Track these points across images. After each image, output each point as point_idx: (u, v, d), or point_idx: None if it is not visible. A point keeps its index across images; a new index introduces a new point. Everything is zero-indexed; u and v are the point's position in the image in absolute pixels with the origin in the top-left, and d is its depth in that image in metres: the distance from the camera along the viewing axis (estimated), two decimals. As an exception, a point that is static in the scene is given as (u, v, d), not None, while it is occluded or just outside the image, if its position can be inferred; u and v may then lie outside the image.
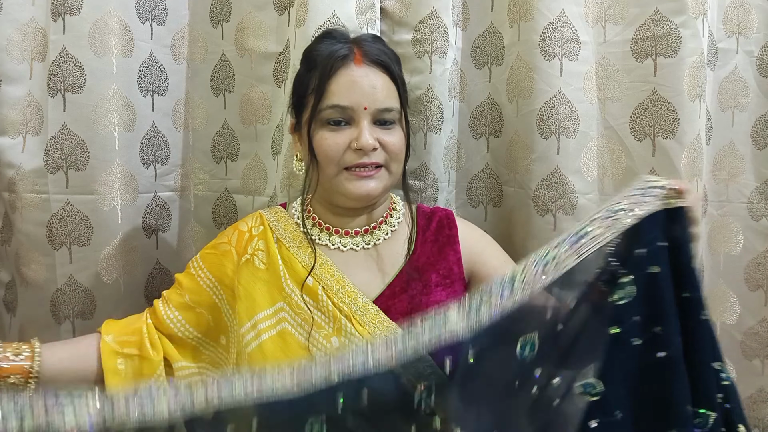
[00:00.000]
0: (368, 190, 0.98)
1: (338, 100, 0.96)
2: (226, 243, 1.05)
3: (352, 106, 0.96)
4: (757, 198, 1.29)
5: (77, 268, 1.21)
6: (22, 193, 1.20)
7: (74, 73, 1.17)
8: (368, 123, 0.96)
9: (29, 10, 1.20)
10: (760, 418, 1.31)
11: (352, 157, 0.96)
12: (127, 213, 1.24)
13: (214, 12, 1.34)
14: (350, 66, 0.97)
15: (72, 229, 1.20)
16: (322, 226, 1.05)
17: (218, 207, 1.39)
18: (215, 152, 1.38)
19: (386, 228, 1.05)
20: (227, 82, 1.35)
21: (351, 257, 1.03)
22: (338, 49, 0.98)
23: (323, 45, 1.01)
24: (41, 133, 1.20)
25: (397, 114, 1.00)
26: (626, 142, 1.23)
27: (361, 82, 0.96)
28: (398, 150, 0.99)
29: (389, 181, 1.01)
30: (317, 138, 0.97)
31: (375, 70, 0.98)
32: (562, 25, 1.19)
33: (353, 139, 0.96)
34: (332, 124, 0.97)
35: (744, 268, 1.31)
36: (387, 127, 0.98)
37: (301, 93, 1.01)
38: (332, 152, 0.96)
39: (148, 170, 1.30)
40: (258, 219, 1.07)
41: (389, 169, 1.00)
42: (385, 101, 0.98)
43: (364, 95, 0.96)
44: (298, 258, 1.01)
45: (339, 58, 0.97)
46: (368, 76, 0.97)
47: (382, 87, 0.98)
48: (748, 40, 1.27)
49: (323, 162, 0.98)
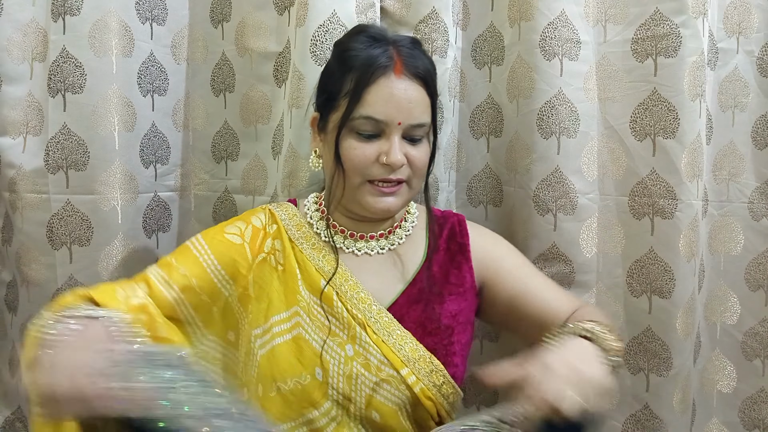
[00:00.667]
0: (388, 205, 0.96)
1: (373, 112, 0.92)
2: (238, 235, 1.00)
3: (387, 121, 0.93)
4: (758, 198, 1.29)
5: (77, 268, 1.22)
6: (23, 193, 1.21)
7: (74, 73, 1.18)
8: (399, 138, 0.94)
9: (30, 11, 1.21)
10: (761, 419, 1.31)
11: (379, 171, 0.94)
12: (127, 213, 1.24)
13: (214, 12, 1.34)
14: (390, 77, 0.93)
15: (72, 229, 1.20)
16: (336, 228, 1.03)
17: (218, 207, 1.39)
18: (215, 152, 1.38)
19: (401, 232, 1.04)
20: (227, 81, 1.35)
21: (365, 262, 1.02)
22: (378, 55, 0.93)
23: (360, 44, 0.96)
24: (42, 133, 1.21)
25: (428, 129, 0.98)
26: (626, 142, 1.23)
27: (399, 96, 0.93)
28: (422, 165, 0.97)
29: (409, 196, 0.99)
30: (345, 145, 0.94)
31: (414, 83, 0.94)
32: (563, 24, 1.19)
33: (382, 152, 0.93)
34: (363, 134, 0.94)
35: (744, 268, 1.31)
36: (415, 143, 0.96)
37: (333, 93, 0.97)
38: (359, 163, 0.94)
39: (148, 170, 1.30)
40: (270, 217, 1.04)
41: (410, 184, 0.98)
42: (420, 117, 0.95)
43: (400, 110, 0.93)
44: (312, 261, 0.99)
45: (380, 67, 0.92)
46: (407, 90, 0.93)
47: (418, 102, 0.94)
48: (748, 39, 1.27)
49: (349, 171, 0.95)
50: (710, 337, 1.34)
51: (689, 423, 1.30)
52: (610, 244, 1.26)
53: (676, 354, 1.22)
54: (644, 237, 1.22)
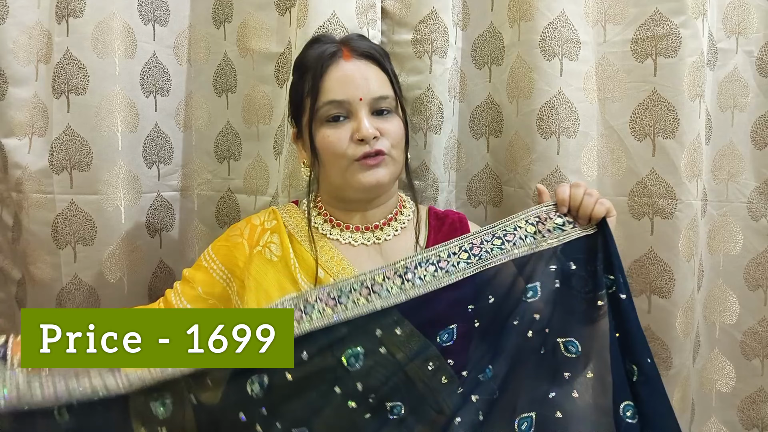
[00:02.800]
0: (378, 178, 0.99)
1: (333, 95, 0.98)
2: (238, 235, 1.06)
3: (348, 99, 0.97)
4: (757, 198, 1.29)
5: (81, 267, 1.23)
6: (29, 193, 1.22)
7: (78, 74, 1.19)
8: (366, 113, 0.98)
9: (35, 13, 1.22)
10: (760, 418, 1.31)
11: (356, 149, 0.97)
12: (130, 213, 1.26)
13: (216, 13, 1.35)
14: (340, 62, 0.99)
15: (76, 229, 1.22)
16: (333, 222, 1.06)
17: (221, 206, 1.40)
18: (218, 152, 1.39)
19: (396, 225, 1.06)
20: (229, 82, 1.36)
21: (362, 252, 1.04)
22: (326, 49, 1.01)
23: (311, 50, 1.04)
24: (46, 134, 1.22)
25: (393, 102, 1.02)
26: (626, 142, 1.23)
27: (352, 74, 0.99)
28: (398, 136, 1.01)
29: (394, 168, 1.02)
30: (319, 137, 0.99)
31: (364, 62, 1.01)
32: (562, 25, 1.19)
33: (354, 130, 0.97)
34: (332, 121, 0.98)
35: (744, 267, 1.31)
36: (385, 117, 1.00)
37: (298, 99, 1.04)
38: (336, 147, 0.98)
39: (151, 170, 1.31)
40: (271, 214, 1.09)
41: (392, 155, 1.00)
42: (379, 90, 1.00)
43: (357, 87, 0.98)
44: (311, 253, 1.02)
45: (328, 56, 0.99)
46: (359, 68, 1.00)
47: (374, 77, 1.00)
48: (747, 40, 1.27)
49: (331, 159, 0.99)
50: (709, 336, 1.34)
51: (688, 422, 1.31)
52: (610, 244, 1.26)
53: (676, 353, 1.23)
54: (644, 237, 1.23)
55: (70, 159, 1.21)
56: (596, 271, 0.95)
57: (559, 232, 0.98)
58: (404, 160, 1.05)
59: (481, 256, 0.96)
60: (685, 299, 1.22)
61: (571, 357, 0.93)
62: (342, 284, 0.92)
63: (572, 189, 0.98)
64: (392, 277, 0.93)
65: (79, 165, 1.21)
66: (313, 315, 0.90)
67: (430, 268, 0.94)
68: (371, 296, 0.91)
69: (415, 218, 1.08)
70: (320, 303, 0.91)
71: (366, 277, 0.92)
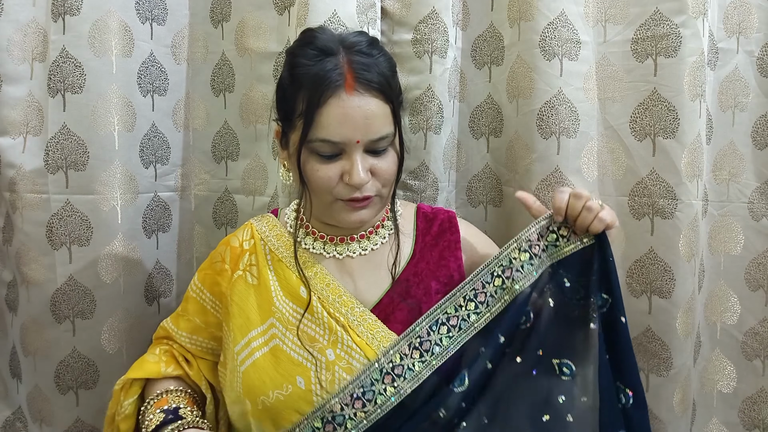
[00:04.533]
0: (361, 218, 0.94)
1: (328, 135, 0.88)
2: (220, 261, 1.03)
3: (344, 141, 0.88)
4: (758, 198, 1.29)
5: (77, 268, 1.22)
6: (23, 193, 1.21)
7: (74, 73, 1.18)
8: (360, 155, 0.90)
9: (30, 11, 1.21)
10: (761, 419, 1.31)
11: (345, 190, 0.91)
12: (127, 213, 1.24)
13: (214, 12, 1.34)
14: (341, 96, 0.87)
15: (72, 229, 1.20)
16: (315, 234, 1.02)
17: (219, 207, 1.39)
18: (215, 152, 1.38)
19: (383, 232, 1.03)
20: (227, 82, 1.35)
21: (347, 264, 1.00)
22: (328, 71, 0.88)
23: (309, 61, 0.90)
24: (41, 133, 1.21)
25: (392, 137, 0.93)
26: (626, 142, 1.23)
27: (353, 114, 0.87)
28: (389, 176, 0.94)
29: (381, 205, 0.97)
30: (308, 167, 0.92)
31: (368, 96, 0.89)
32: (562, 24, 1.19)
33: (345, 172, 0.90)
34: (323, 156, 0.90)
35: (744, 268, 1.31)
36: (379, 154, 0.92)
37: (288, 112, 0.94)
38: (324, 185, 0.91)
39: (148, 170, 1.30)
40: (249, 231, 1.05)
41: (381, 195, 0.95)
42: (379, 131, 0.90)
43: (356, 129, 0.88)
44: (293, 270, 0.99)
45: (329, 87, 0.87)
46: (361, 107, 0.88)
47: (375, 116, 0.89)
48: (748, 39, 1.27)
49: (316, 191, 0.93)
50: (710, 337, 1.34)
51: (689, 423, 1.30)
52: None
53: (676, 354, 1.22)
54: (644, 237, 1.22)
55: (65, 158, 1.19)
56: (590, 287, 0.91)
57: (553, 249, 0.95)
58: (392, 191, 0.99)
59: (488, 302, 0.94)
60: (685, 299, 1.21)
61: (566, 379, 0.90)
62: (361, 379, 0.90)
63: (571, 199, 0.93)
64: (410, 353, 0.91)
65: (74, 164, 1.19)
66: (348, 425, 0.88)
67: (442, 330, 0.93)
68: (397, 381, 0.90)
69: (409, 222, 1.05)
70: (348, 408, 0.89)
71: (383, 362, 0.90)
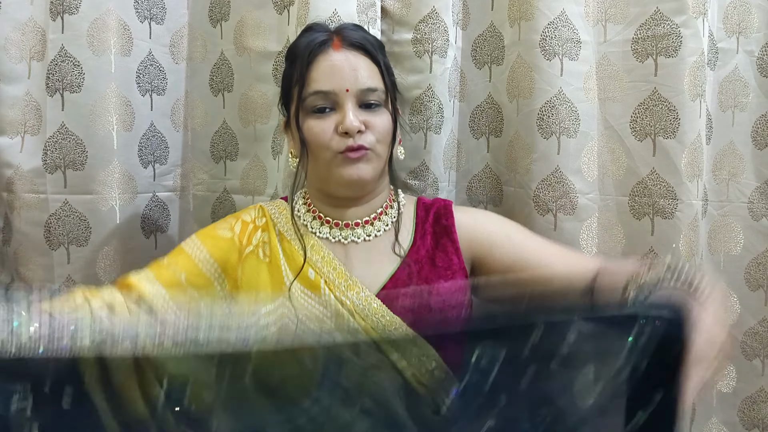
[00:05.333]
0: (360, 173, 0.96)
1: (319, 85, 0.95)
2: (228, 229, 1.03)
3: (334, 90, 0.95)
4: (758, 198, 1.30)
5: (75, 269, 1.21)
6: (20, 193, 1.20)
7: (72, 72, 1.17)
8: (353, 105, 0.95)
9: (28, 9, 1.20)
10: (761, 418, 1.31)
11: (340, 142, 0.95)
12: (125, 213, 1.24)
13: (213, 11, 1.34)
14: (329, 51, 0.97)
15: (70, 229, 1.20)
16: (322, 219, 1.03)
17: (217, 207, 1.38)
18: (214, 152, 1.37)
19: (386, 219, 1.04)
20: (226, 81, 1.34)
21: (352, 249, 1.02)
22: (317, 37, 0.98)
23: (303, 38, 1.01)
24: (39, 133, 1.20)
25: (382, 95, 0.98)
26: (626, 142, 1.23)
27: (341, 65, 0.96)
28: (384, 131, 0.97)
29: (378, 163, 0.99)
30: (305, 128, 0.97)
31: (355, 53, 0.97)
32: (563, 24, 1.18)
33: (338, 123, 0.95)
34: (318, 112, 0.96)
35: (744, 268, 1.31)
36: (373, 110, 0.97)
37: (287, 87, 1.01)
38: (320, 138, 0.95)
39: (146, 170, 1.29)
40: (260, 211, 1.06)
41: (376, 151, 0.98)
42: (367, 81, 0.96)
43: (344, 78, 0.95)
44: (300, 251, 1.00)
45: (317, 45, 0.97)
46: (348, 59, 0.96)
47: (363, 68, 0.97)
48: (748, 39, 1.27)
49: (315, 150, 0.96)
50: (710, 337, 1.34)
51: (689, 422, 1.30)
52: (610, 244, 1.26)
53: (676, 354, 1.22)
54: (644, 237, 1.22)
55: (64, 158, 1.18)
56: None
57: None
58: (388, 155, 1.02)
59: None
60: (685, 299, 1.21)
61: None
62: None
63: None
64: None
65: (73, 164, 1.19)
66: None
67: None
68: None
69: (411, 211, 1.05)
70: None
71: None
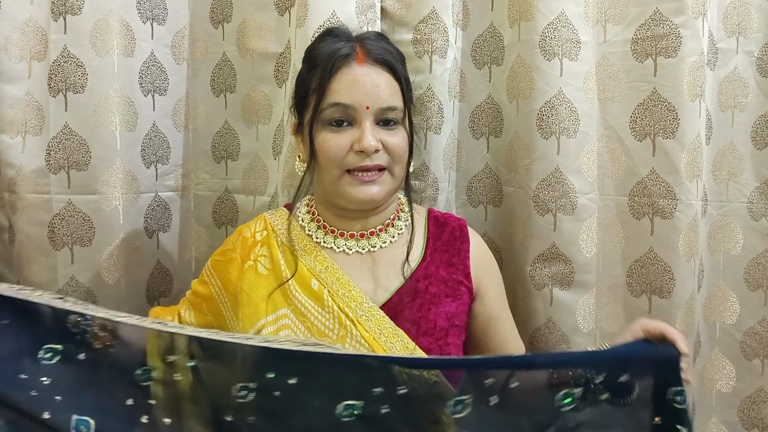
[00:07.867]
0: (371, 195, 0.95)
1: (339, 98, 0.93)
2: (232, 250, 1.04)
3: (354, 105, 0.93)
4: (757, 198, 1.30)
5: (79, 269, 1.21)
6: (23, 194, 1.20)
7: (76, 72, 1.17)
8: (371, 123, 0.94)
9: (28, 9, 1.20)
10: (761, 418, 1.32)
11: (354, 159, 0.94)
12: (128, 213, 1.24)
13: (214, 12, 1.34)
14: (352, 65, 0.94)
15: (74, 230, 1.20)
16: (327, 228, 1.03)
17: (219, 207, 1.39)
18: (215, 152, 1.38)
19: (393, 231, 1.03)
20: (228, 82, 1.35)
21: (357, 260, 1.01)
22: (340, 47, 0.95)
23: (325, 44, 0.98)
24: (42, 133, 1.20)
25: (401, 113, 0.97)
26: (626, 142, 1.24)
27: (363, 80, 0.94)
28: (401, 151, 0.96)
29: (393, 185, 0.98)
30: (319, 139, 0.95)
31: (378, 69, 0.95)
32: (563, 25, 1.19)
33: (355, 140, 0.93)
34: (334, 125, 0.94)
35: (744, 267, 1.31)
36: (390, 128, 0.96)
37: (303, 93, 0.99)
38: (334, 154, 0.94)
39: (149, 170, 1.30)
40: (262, 223, 1.06)
41: (392, 172, 0.97)
42: (388, 100, 0.95)
43: (366, 94, 0.93)
44: (304, 262, 0.99)
45: (341, 57, 0.94)
46: (371, 75, 0.94)
47: (385, 86, 0.95)
48: (747, 40, 1.27)
49: (325, 164, 0.95)
50: (709, 336, 1.34)
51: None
52: (610, 244, 1.26)
53: (676, 354, 1.23)
54: (644, 237, 1.23)
55: (67, 158, 1.19)
56: None
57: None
58: (405, 174, 1.01)
59: None
60: (685, 299, 1.22)
61: None
62: None
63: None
64: None
65: (77, 164, 1.19)
66: None
67: None
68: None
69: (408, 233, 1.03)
70: None
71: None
